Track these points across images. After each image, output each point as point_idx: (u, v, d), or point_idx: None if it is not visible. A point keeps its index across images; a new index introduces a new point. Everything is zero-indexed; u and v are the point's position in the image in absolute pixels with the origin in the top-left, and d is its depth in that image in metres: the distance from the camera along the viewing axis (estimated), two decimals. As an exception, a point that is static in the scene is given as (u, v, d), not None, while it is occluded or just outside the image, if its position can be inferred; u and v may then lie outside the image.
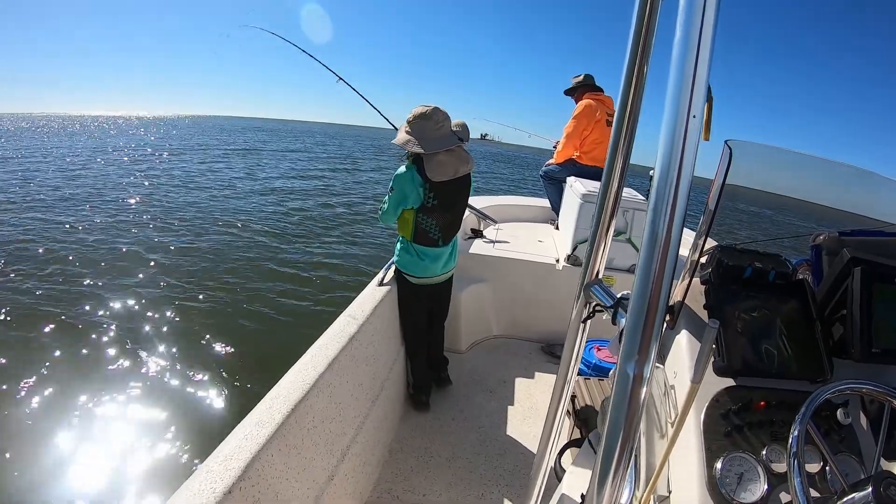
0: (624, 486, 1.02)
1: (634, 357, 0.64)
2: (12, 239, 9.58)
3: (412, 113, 2.64)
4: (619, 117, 0.98)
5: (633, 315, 0.64)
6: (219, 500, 1.25)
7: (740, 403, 1.21)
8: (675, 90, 0.63)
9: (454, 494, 2.45)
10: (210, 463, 1.37)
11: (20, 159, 24.68)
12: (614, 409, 0.66)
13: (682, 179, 0.63)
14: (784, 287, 1.41)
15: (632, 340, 0.64)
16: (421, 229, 2.76)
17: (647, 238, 0.64)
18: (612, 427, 0.67)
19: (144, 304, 6.87)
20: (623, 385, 0.65)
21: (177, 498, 1.25)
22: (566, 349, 1.18)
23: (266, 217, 13.31)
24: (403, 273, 2.88)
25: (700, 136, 0.78)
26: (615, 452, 0.66)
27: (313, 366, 1.92)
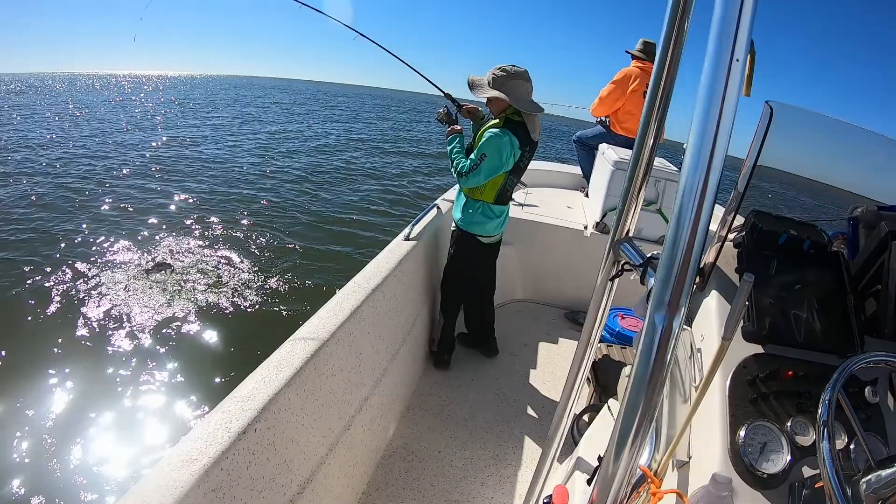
0: (644, 447, 1.01)
1: (665, 308, 0.61)
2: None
3: (503, 70, 2.60)
4: (658, 71, 0.93)
5: (665, 262, 0.61)
6: (233, 439, 1.26)
7: (768, 371, 1.17)
8: (719, 30, 0.59)
9: (469, 453, 2.47)
10: (227, 403, 1.38)
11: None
12: (640, 362, 0.64)
13: (722, 122, 0.59)
14: (818, 258, 1.36)
15: (663, 288, 0.61)
16: (504, 189, 2.79)
17: (686, 182, 0.60)
18: (636, 381, 0.64)
19: (171, 245, 7.21)
20: (651, 337, 0.62)
21: (192, 435, 1.27)
22: (591, 308, 1.16)
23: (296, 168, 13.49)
24: (476, 236, 2.87)
25: (742, 88, 0.73)
26: (638, 408, 0.63)
27: (335, 314, 1.92)
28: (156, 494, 1.07)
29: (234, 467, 1.27)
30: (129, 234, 7.67)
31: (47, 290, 5.81)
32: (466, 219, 2.85)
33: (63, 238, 7.40)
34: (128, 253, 7.07)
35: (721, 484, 0.84)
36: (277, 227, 8.63)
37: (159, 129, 21.41)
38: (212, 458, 1.19)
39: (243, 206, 9.77)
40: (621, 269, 1.08)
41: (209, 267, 6.77)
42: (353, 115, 42.40)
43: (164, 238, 7.64)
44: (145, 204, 9.47)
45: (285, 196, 10.97)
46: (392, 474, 2.31)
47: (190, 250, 7.31)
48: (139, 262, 6.81)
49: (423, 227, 2.99)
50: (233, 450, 1.26)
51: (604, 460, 0.70)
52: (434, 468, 2.36)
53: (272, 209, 9.79)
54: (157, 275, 6.40)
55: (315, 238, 8.15)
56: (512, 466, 2.42)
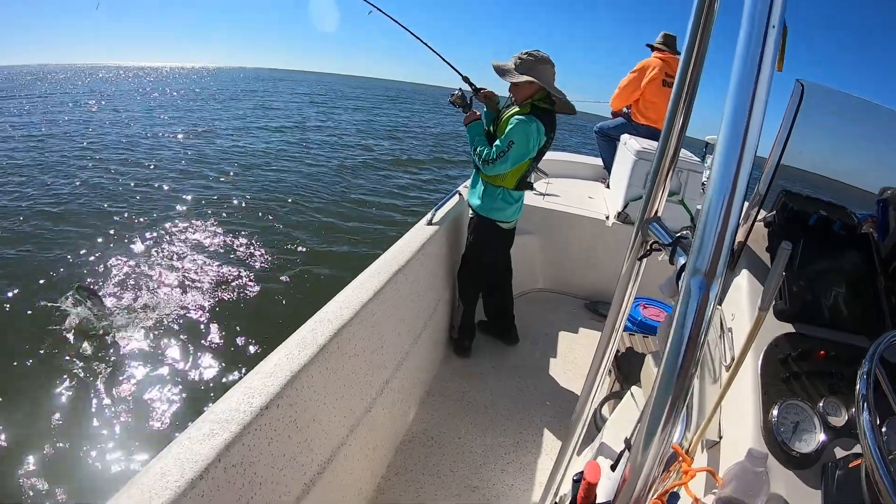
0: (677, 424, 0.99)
1: (702, 274, 0.60)
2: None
3: (531, 55, 2.57)
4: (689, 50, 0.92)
5: (704, 225, 0.60)
6: (255, 414, 1.26)
7: (800, 350, 1.15)
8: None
9: (489, 440, 2.47)
10: (249, 379, 1.38)
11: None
12: (675, 333, 0.62)
13: (759, 87, 0.57)
14: (848, 239, 1.34)
15: (702, 251, 0.60)
16: (525, 175, 2.79)
17: (724, 145, 0.59)
18: (672, 353, 0.62)
19: (198, 226, 7.45)
20: (686, 304, 0.61)
21: (214, 409, 1.26)
22: (619, 288, 1.14)
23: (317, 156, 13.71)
24: (496, 221, 2.86)
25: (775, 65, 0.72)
26: (674, 381, 0.61)
27: (357, 294, 1.92)
28: (176, 467, 1.07)
29: (256, 443, 1.27)
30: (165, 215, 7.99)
31: (74, 269, 5.98)
32: (487, 205, 2.83)
33: (112, 220, 7.73)
34: (158, 231, 7.34)
35: (757, 459, 0.82)
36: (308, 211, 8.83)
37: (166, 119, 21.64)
38: (233, 433, 1.19)
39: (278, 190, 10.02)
40: (650, 249, 1.06)
41: (233, 245, 6.96)
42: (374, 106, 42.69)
43: (199, 217, 7.94)
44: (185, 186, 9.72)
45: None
46: (411, 459, 2.31)
47: (217, 229, 7.54)
48: (168, 240, 7.04)
49: (446, 213, 2.98)
50: (254, 425, 1.25)
51: (636, 436, 0.69)
52: (454, 454, 2.36)
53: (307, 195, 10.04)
54: (190, 253, 6.61)
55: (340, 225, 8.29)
56: (532, 454, 2.42)
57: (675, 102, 0.96)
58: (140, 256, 6.49)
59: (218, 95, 41.12)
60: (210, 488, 1.10)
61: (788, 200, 1.36)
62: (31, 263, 6.03)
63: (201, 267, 6.27)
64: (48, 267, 5.93)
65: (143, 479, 1.04)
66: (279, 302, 5.55)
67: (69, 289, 5.18)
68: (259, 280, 5.99)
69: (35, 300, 5.18)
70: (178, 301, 5.44)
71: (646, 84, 4.51)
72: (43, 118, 19.58)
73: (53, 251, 6.41)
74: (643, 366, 1.87)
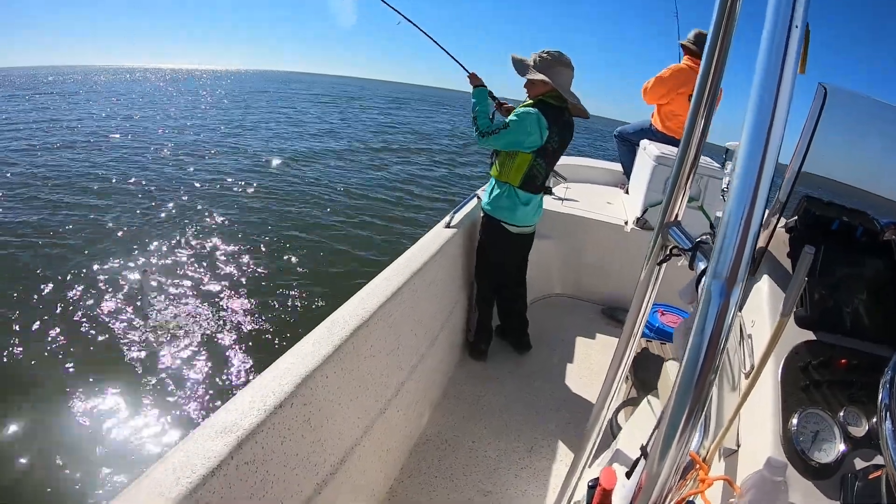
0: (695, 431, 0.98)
1: (723, 278, 0.59)
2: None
3: (549, 54, 2.60)
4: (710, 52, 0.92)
5: (726, 226, 0.59)
6: (269, 412, 1.27)
7: (821, 358, 1.13)
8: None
9: (504, 444, 2.46)
10: (264, 377, 1.39)
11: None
12: (695, 338, 0.61)
13: (782, 88, 0.57)
14: (870, 246, 1.31)
15: (721, 255, 0.59)
16: (532, 174, 2.74)
17: (748, 139, 0.58)
18: (690, 359, 0.61)
19: (213, 228, 7.54)
20: (706, 309, 0.60)
21: (228, 406, 1.27)
22: (637, 293, 1.14)
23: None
24: (502, 222, 2.84)
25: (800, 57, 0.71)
26: (692, 387, 0.60)
27: (375, 295, 1.93)
28: (188, 463, 1.07)
29: (268, 442, 1.27)
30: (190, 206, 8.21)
31: (92, 271, 6.08)
32: (492, 203, 2.84)
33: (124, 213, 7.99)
34: (178, 227, 7.53)
35: (776, 468, 0.81)
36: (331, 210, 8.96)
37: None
38: (246, 430, 1.19)
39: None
40: (670, 254, 1.06)
41: (252, 245, 7.07)
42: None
43: (222, 212, 8.12)
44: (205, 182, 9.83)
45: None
46: (425, 462, 2.30)
47: (234, 226, 7.69)
48: (186, 237, 7.18)
49: (464, 216, 2.98)
50: (268, 423, 1.26)
51: (653, 443, 0.68)
52: (467, 458, 2.35)
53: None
54: (209, 248, 6.78)
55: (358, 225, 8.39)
56: (546, 459, 2.40)
57: (695, 107, 0.96)
58: (158, 255, 6.63)
59: (246, 98, 41.77)
60: (221, 485, 1.10)
61: (810, 206, 1.34)
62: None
63: (219, 266, 6.37)
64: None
65: (156, 472, 1.05)
66: (298, 302, 5.61)
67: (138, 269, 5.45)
68: (277, 280, 6.07)
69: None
70: (198, 299, 5.54)
71: (675, 95, 4.43)
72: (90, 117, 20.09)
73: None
74: (661, 373, 1.85)
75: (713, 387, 1.19)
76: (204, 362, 4.45)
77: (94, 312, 5.08)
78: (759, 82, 0.59)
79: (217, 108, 30.73)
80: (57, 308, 5.11)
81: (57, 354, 4.42)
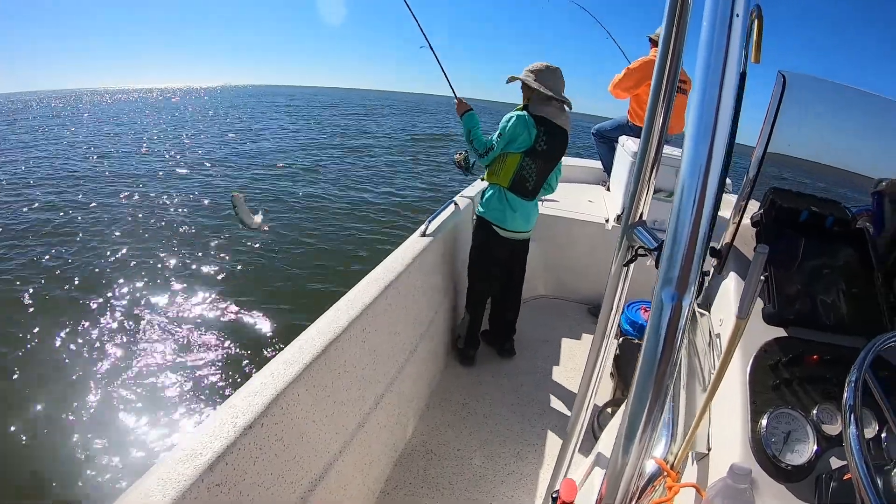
0: (658, 437, 0.96)
1: (673, 284, 0.57)
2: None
3: (538, 65, 2.68)
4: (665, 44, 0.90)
5: (672, 233, 0.57)
6: (239, 433, 1.25)
7: (791, 355, 1.10)
8: None
9: (490, 451, 2.43)
10: (234, 398, 1.37)
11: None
12: (648, 345, 0.60)
13: (726, 79, 0.55)
14: (842, 235, 1.30)
15: (670, 263, 0.57)
16: (521, 176, 2.76)
17: (691, 138, 0.57)
18: (645, 367, 0.60)
19: (181, 248, 7.41)
20: (658, 317, 0.58)
21: (198, 430, 1.25)
22: (607, 295, 1.12)
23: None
24: (493, 225, 2.86)
25: (751, 57, 0.69)
26: (648, 394, 0.59)
27: (347, 310, 1.89)
28: (158, 488, 1.05)
29: (240, 462, 1.25)
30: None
31: (69, 283, 6.08)
32: (483, 204, 2.87)
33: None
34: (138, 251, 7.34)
35: (739, 475, 0.78)
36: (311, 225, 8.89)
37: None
38: (216, 452, 1.18)
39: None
40: (635, 255, 1.04)
41: (224, 265, 6.92)
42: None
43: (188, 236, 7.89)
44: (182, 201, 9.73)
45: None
46: (410, 472, 2.27)
47: (207, 247, 7.50)
48: (153, 261, 7.02)
49: (440, 224, 2.95)
50: (238, 444, 1.24)
51: (613, 450, 0.66)
52: (453, 466, 2.33)
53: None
54: (174, 274, 6.57)
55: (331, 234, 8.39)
56: (533, 464, 2.38)
57: (653, 101, 0.94)
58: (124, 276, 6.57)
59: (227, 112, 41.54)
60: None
61: (777, 197, 1.32)
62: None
63: (191, 284, 6.27)
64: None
65: (127, 498, 1.03)
66: (276, 319, 5.50)
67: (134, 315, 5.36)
68: (254, 297, 5.96)
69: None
70: (172, 318, 5.45)
71: (643, 87, 4.42)
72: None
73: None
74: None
75: (682, 390, 1.18)
76: (178, 384, 4.35)
77: (53, 337, 5.00)
78: (701, 76, 0.57)
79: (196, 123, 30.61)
80: (25, 335, 5.04)
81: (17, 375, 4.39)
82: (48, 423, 3.84)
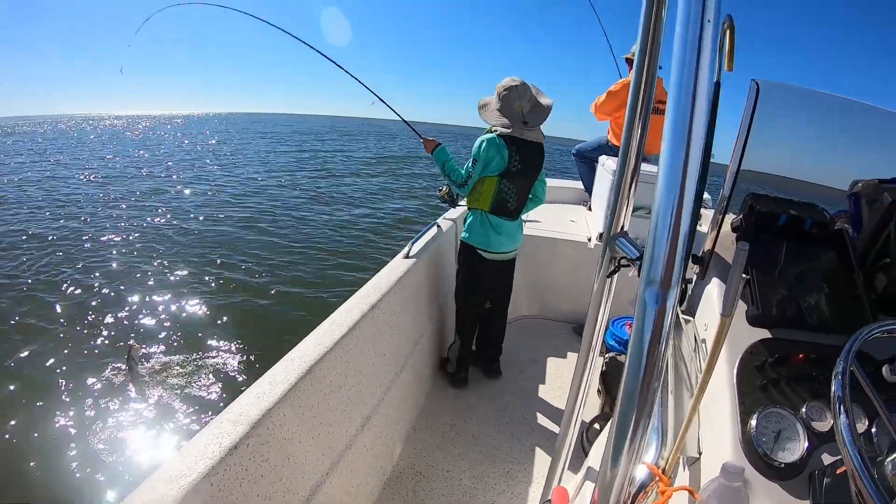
0: (649, 443, 0.96)
1: (657, 284, 0.57)
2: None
3: (503, 86, 2.67)
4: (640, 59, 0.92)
5: (654, 232, 0.57)
6: (224, 454, 1.23)
7: (777, 355, 1.12)
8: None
9: (479, 471, 2.41)
10: (220, 419, 1.35)
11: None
12: (634, 349, 0.60)
13: (699, 87, 0.56)
14: (821, 237, 1.32)
15: (653, 262, 0.57)
16: (501, 198, 2.77)
17: (668, 144, 0.58)
18: (631, 371, 0.59)
19: (167, 275, 7.37)
20: (642, 319, 0.58)
21: (183, 451, 1.24)
22: (591, 309, 1.13)
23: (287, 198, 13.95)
24: (477, 249, 2.86)
25: (723, 66, 0.71)
26: (635, 400, 0.58)
27: (331, 331, 1.88)
28: None
29: (225, 483, 1.23)
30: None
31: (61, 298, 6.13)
32: (467, 230, 2.87)
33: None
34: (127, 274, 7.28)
35: (732, 474, 0.79)
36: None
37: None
38: (201, 473, 1.16)
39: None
40: (618, 265, 1.05)
41: (214, 287, 6.93)
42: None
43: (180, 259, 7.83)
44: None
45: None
46: (399, 495, 2.24)
47: (196, 268, 7.43)
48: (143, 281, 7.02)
49: (424, 245, 2.95)
50: (223, 465, 1.22)
51: (602, 457, 0.66)
52: (442, 487, 2.30)
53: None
54: (160, 295, 6.55)
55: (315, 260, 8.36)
56: (523, 483, 2.35)
57: (630, 117, 0.96)
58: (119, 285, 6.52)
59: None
60: None
61: (755, 203, 1.35)
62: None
63: (181, 308, 6.25)
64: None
65: None
66: (260, 340, 5.48)
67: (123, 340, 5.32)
68: (242, 319, 5.97)
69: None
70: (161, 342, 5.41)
71: (622, 108, 4.46)
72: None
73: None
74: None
75: (670, 396, 1.19)
76: (163, 406, 4.32)
77: (31, 360, 4.98)
78: (675, 83, 0.57)
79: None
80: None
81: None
82: (30, 445, 3.79)
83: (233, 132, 56.83)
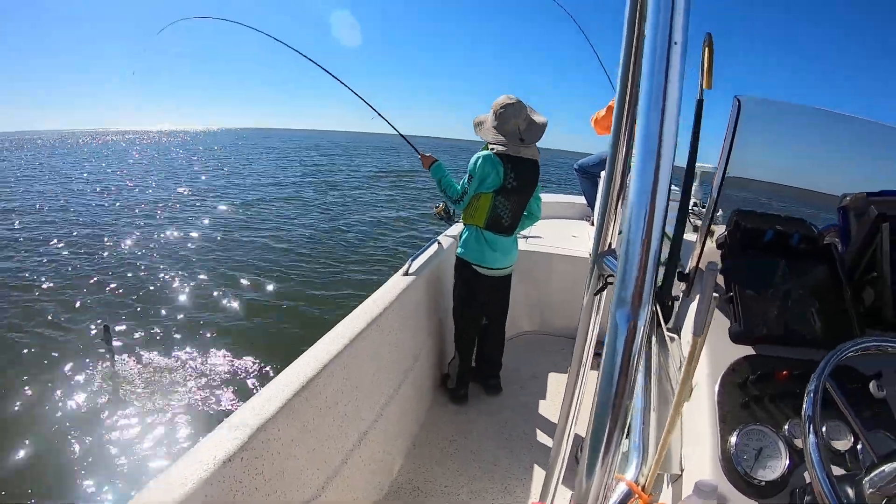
0: (630, 460, 0.97)
1: (627, 304, 0.58)
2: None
3: (499, 104, 2.70)
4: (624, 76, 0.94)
5: (624, 253, 0.58)
6: (218, 466, 1.24)
7: (759, 372, 1.12)
8: (654, 13, 0.59)
9: (478, 487, 2.40)
10: (216, 432, 1.37)
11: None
12: (605, 368, 0.61)
13: (667, 108, 0.57)
14: (809, 252, 1.32)
15: (624, 281, 0.58)
16: (496, 214, 2.79)
17: (637, 163, 0.59)
18: (603, 390, 0.60)
19: (172, 288, 7.44)
20: (614, 338, 0.59)
21: (179, 462, 1.25)
22: (581, 326, 1.14)
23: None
24: (472, 265, 2.87)
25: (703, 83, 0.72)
26: (607, 417, 0.60)
27: (329, 347, 1.90)
28: None
29: (219, 495, 1.24)
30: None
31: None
32: (463, 245, 2.89)
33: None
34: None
35: (705, 492, 0.79)
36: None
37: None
38: (195, 483, 1.18)
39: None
40: (605, 283, 1.06)
41: (212, 298, 7.04)
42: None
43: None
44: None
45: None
46: None
47: (203, 279, 7.56)
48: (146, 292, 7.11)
49: (424, 262, 2.97)
50: (217, 477, 1.24)
51: (577, 475, 0.67)
52: (440, 503, 2.29)
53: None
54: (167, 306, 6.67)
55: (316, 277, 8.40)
56: (521, 498, 2.34)
57: (616, 134, 0.97)
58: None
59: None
60: None
61: (741, 219, 1.35)
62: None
63: (178, 322, 6.31)
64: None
65: None
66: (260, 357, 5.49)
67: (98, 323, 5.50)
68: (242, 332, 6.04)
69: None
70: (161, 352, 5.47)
71: None
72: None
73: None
74: None
75: (653, 413, 1.20)
76: (159, 419, 4.34)
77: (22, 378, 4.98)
78: (643, 104, 0.58)
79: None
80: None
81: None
82: (28, 453, 3.84)
83: (241, 147, 57.30)
